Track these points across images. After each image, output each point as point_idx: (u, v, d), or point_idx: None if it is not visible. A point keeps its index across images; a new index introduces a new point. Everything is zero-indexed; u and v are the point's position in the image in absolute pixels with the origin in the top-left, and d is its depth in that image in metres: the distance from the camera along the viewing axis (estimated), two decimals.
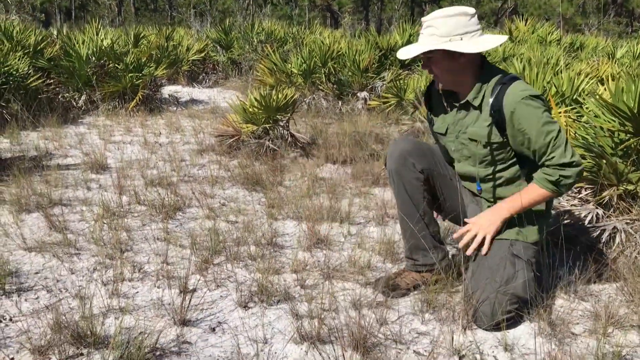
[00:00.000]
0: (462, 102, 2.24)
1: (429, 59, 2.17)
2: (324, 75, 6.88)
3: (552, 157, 2.06)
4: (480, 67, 2.20)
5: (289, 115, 4.79)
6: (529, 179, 2.19)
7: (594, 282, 2.46)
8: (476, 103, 2.19)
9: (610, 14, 24.83)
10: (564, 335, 2.06)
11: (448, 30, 2.09)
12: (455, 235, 2.23)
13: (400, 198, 2.38)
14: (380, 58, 7.26)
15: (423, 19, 2.19)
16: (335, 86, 6.86)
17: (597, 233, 2.72)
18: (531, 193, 2.12)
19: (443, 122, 2.35)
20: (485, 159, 2.21)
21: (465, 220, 2.24)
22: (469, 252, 2.17)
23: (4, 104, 5.60)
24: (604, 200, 2.83)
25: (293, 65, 7.06)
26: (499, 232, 2.18)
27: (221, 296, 2.36)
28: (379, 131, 5.35)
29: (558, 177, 2.06)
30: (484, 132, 2.17)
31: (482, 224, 2.16)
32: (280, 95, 4.66)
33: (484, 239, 2.16)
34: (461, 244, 2.18)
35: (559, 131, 2.07)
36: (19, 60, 6.06)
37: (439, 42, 2.10)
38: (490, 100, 2.12)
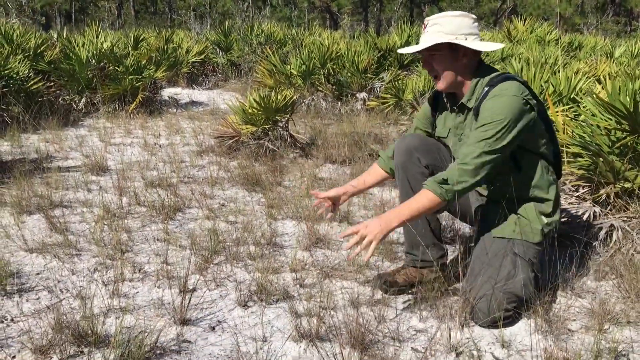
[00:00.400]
0: (458, 104, 2.26)
1: (432, 56, 2.19)
2: (323, 77, 6.90)
3: (462, 152, 2.08)
4: (477, 69, 2.23)
5: (288, 116, 4.81)
6: (519, 177, 2.20)
7: (591, 279, 2.48)
8: (470, 105, 2.21)
9: (608, 14, 24.85)
10: (561, 332, 2.08)
11: (453, 29, 2.14)
12: (341, 235, 2.09)
13: (403, 192, 2.40)
14: (379, 59, 7.29)
15: (427, 18, 2.22)
16: (334, 87, 6.89)
17: (594, 231, 2.74)
18: (420, 200, 2.07)
19: (444, 126, 2.38)
20: None
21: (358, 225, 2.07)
22: (352, 255, 2.02)
23: (4, 107, 5.62)
24: (601, 198, 2.86)
25: (292, 66, 7.08)
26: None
27: (221, 295, 2.38)
28: (377, 131, 5.37)
29: (446, 176, 2.05)
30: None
31: (372, 229, 2.00)
32: (279, 97, 4.68)
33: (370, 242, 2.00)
34: (347, 246, 2.03)
35: (496, 140, 2.04)
36: (19, 63, 6.09)
37: (446, 38, 2.14)
38: (480, 99, 2.15)
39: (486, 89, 2.15)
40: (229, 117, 4.93)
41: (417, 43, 2.36)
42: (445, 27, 2.14)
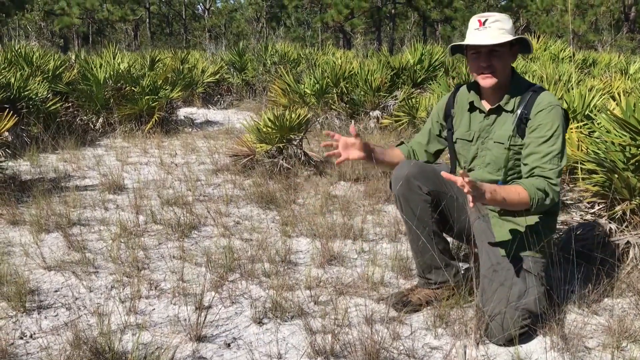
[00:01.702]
0: (492, 107, 2.28)
1: (495, 51, 2.19)
2: (336, 95, 6.95)
3: (544, 169, 2.11)
4: (512, 74, 2.28)
5: (302, 134, 4.85)
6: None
7: (607, 297, 2.46)
8: (509, 108, 2.24)
9: (623, 30, 24.78)
10: (577, 349, 2.06)
11: (511, 30, 2.20)
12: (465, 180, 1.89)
13: (408, 221, 2.38)
14: (393, 77, 7.33)
15: (486, 14, 2.23)
16: (347, 105, 6.93)
17: (611, 248, 2.72)
18: (517, 192, 2.05)
19: (469, 129, 2.36)
20: (506, 164, 2.23)
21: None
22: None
23: (24, 127, 5.73)
24: (616, 215, 2.84)
25: (306, 85, 7.14)
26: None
27: (236, 312, 2.39)
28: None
29: (545, 188, 2.08)
30: (507, 135, 2.22)
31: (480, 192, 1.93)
32: (293, 115, 4.72)
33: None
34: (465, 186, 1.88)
35: (563, 154, 2.13)
36: (38, 84, 6.21)
37: (512, 36, 2.18)
38: (522, 104, 2.20)
39: (530, 94, 2.20)
40: (243, 136, 4.99)
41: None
42: (506, 26, 2.18)
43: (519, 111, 2.20)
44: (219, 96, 9.88)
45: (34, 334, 2.19)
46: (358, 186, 4.38)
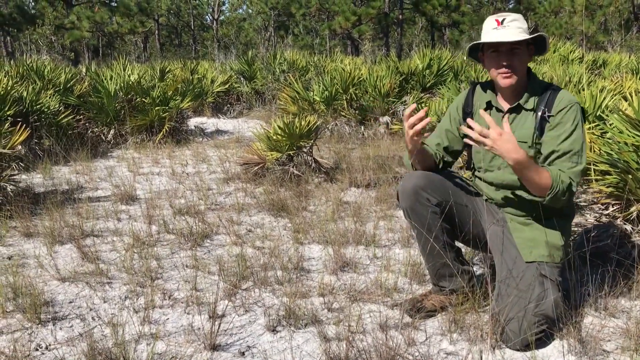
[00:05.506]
0: (512, 106, 2.26)
1: (514, 50, 2.18)
2: (345, 102, 6.96)
3: (563, 167, 2.10)
4: (527, 74, 2.27)
5: (312, 141, 4.85)
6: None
7: (625, 298, 2.43)
8: (529, 106, 2.23)
9: (633, 30, 24.62)
10: (595, 353, 2.04)
11: (527, 30, 2.20)
12: (475, 129, 2.03)
13: (418, 233, 2.35)
14: (401, 83, 7.32)
15: (503, 13, 2.22)
16: (357, 112, 6.93)
17: (627, 249, 2.70)
18: (542, 174, 2.05)
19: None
20: None
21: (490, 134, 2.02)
22: (468, 141, 2.08)
23: (36, 141, 5.78)
24: (631, 216, 2.81)
25: (315, 93, 7.16)
26: None
27: (250, 321, 2.39)
28: (402, 154, 5.37)
29: (567, 182, 2.07)
30: (530, 133, 2.20)
31: (500, 146, 2.01)
32: (303, 123, 4.73)
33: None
34: (471, 133, 2.04)
35: (583, 153, 2.12)
36: (50, 98, 6.27)
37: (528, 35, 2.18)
38: (542, 103, 2.19)
39: (549, 92, 2.20)
40: (253, 144, 5.00)
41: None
42: (523, 25, 2.19)
43: (539, 110, 2.19)
44: (228, 105, 9.93)
45: (50, 345, 2.20)
46: (369, 192, 4.37)
